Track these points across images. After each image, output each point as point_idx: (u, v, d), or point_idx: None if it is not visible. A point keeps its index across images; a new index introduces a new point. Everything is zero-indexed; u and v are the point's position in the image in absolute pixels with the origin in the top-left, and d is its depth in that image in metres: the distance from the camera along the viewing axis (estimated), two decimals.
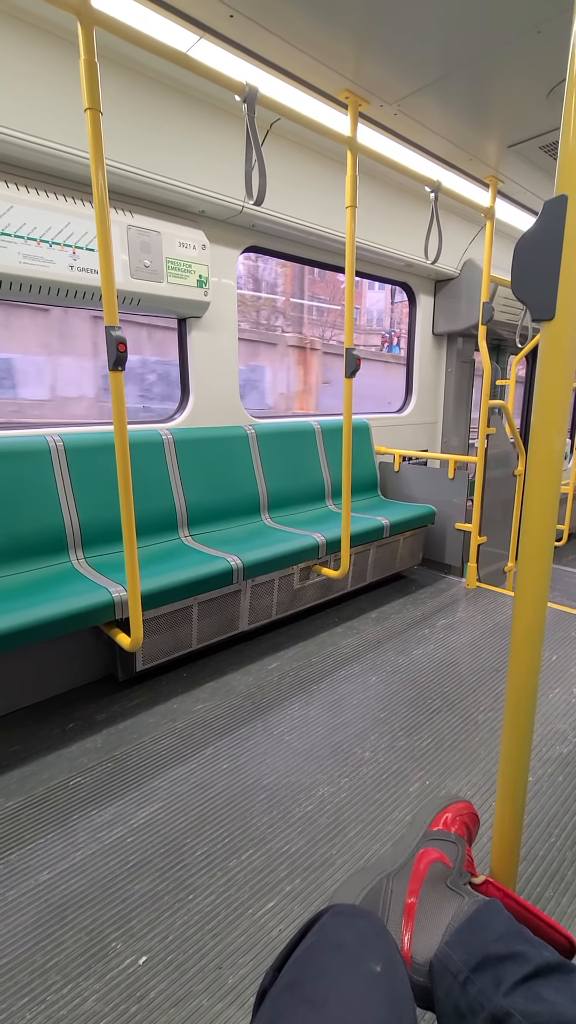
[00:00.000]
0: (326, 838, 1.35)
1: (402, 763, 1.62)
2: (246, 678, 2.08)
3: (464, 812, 0.97)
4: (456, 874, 0.79)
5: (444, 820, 0.92)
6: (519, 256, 0.68)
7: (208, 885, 1.22)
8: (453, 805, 0.95)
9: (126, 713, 1.86)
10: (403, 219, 3.11)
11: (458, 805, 0.97)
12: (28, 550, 1.99)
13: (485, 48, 1.77)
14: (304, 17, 1.62)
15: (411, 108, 2.13)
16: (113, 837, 1.35)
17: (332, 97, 2.04)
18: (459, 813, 0.94)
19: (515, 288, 0.69)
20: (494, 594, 2.98)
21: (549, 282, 0.66)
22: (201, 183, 2.24)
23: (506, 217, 3.36)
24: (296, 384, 8.53)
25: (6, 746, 1.69)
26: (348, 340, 2.18)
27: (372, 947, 0.56)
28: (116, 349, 1.50)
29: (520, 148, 2.45)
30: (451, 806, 0.94)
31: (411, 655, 2.26)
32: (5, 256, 1.86)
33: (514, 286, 0.69)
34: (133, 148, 2.01)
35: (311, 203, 2.64)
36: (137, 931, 1.12)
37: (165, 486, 2.40)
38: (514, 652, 0.90)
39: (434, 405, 4.17)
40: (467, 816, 0.97)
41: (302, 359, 8.34)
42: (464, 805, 0.99)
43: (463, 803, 0.99)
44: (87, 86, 1.38)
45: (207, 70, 1.63)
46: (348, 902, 0.72)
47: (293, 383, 8.55)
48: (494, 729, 1.78)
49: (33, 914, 1.15)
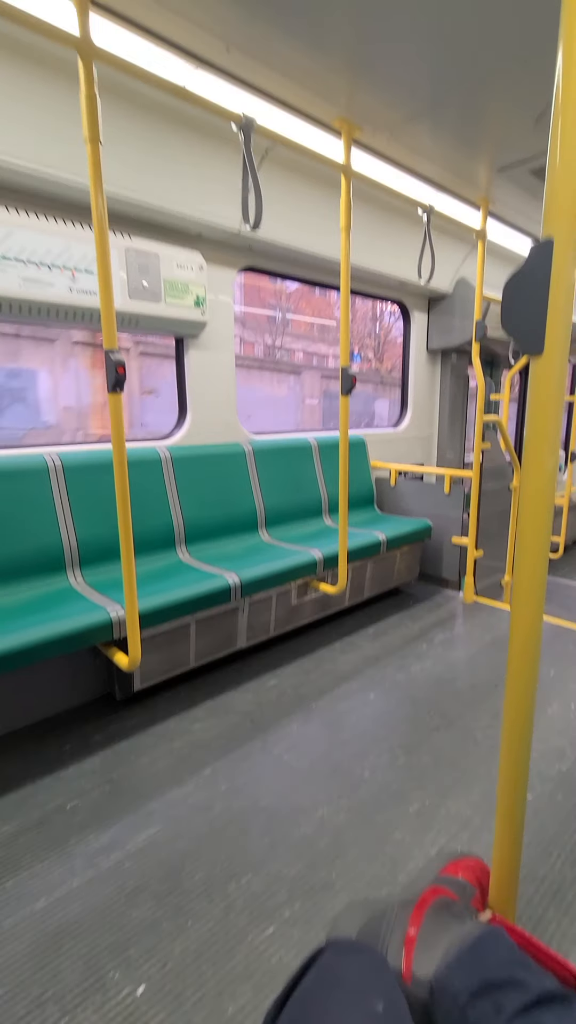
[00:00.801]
0: (325, 861, 1.34)
1: (401, 782, 1.61)
2: (244, 696, 2.07)
3: (476, 867, 0.96)
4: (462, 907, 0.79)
5: (455, 867, 0.91)
6: (508, 294, 0.70)
7: (207, 911, 1.21)
8: (464, 859, 0.95)
9: (124, 733, 1.85)
10: (397, 239, 3.17)
11: (469, 860, 0.96)
12: (26, 569, 1.99)
13: (473, 78, 1.83)
14: (298, 50, 1.67)
15: (403, 135, 2.19)
16: (110, 862, 1.33)
17: (327, 125, 2.10)
18: (470, 867, 0.94)
19: (505, 325, 0.71)
20: (491, 608, 2.99)
21: (538, 320, 0.68)
22: (198, 206, 2.28)
23: (497, 237, 3.42)
24: (91, 394, 6.64)
25: (3, 768, 1.67)
26: (344, 359, 2.21)
27: (373, 984, 0.56)
28: (115, 372, 1.52)
29: (510, 172, 2.51)
30: (462, 859, 0.94)
31: (409, 671, 2.26)
32: (5, 279, 1.89)
33: (504, 323, 0.71)
34: (132, 174, 2.05)
35: (306, 225, 2.69)
36: (135, 959, 1.10)
37: (163, 504, 2.41)
38: (511, 667, 0.91)
39: (429, 419, 4.21)
40: (479, 871, 0.96)
41: (100, 360, 6.43)
42: (476, 861, 0.98)
43: (475, 859, 0.98)
44: (87, 118, 1.42)
45: (204, 101, 1.68)
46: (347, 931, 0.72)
47: (86, 393, 6.69)
48: (493, 747, 1.78)
49: (30, 943, 1.14)
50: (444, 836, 1.42)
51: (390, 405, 11.29)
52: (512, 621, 0.90)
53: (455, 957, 0.65)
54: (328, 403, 11.09)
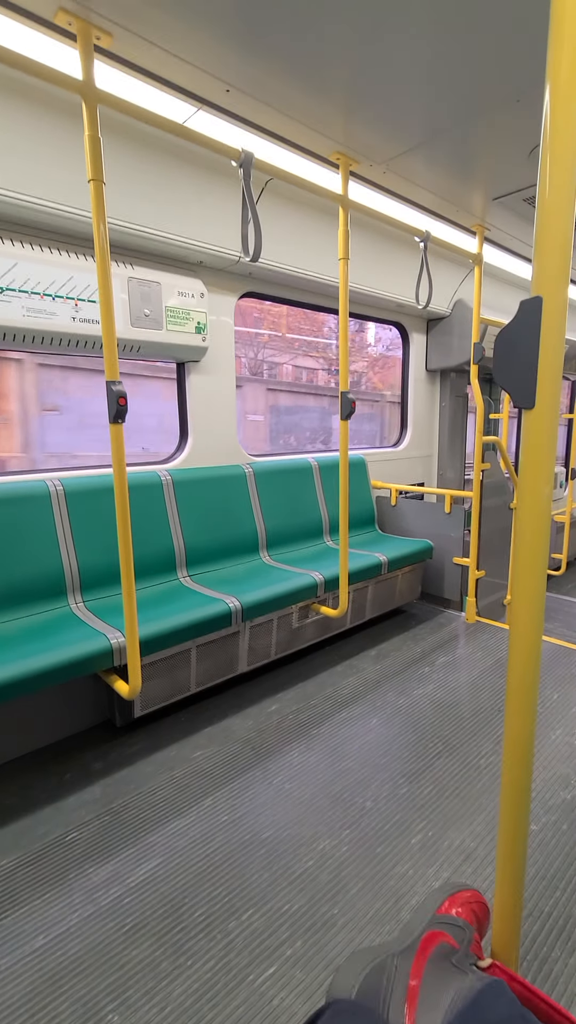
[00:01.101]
0: (327, 896, 1.32)
1: (404, 813, 1.60)
2: (245, 722, 2.06)
3: (473, 901, 0.95)
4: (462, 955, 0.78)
5: (453, 904, 0.90)
6: (500, 348, 0.72)
7: (207, 949, 1.19)
8: (461, 893, 0.94)
9: (124, 761, 1.83)
10: (394, 263, 3.22)
11: (466, 893, 0.95)
12: (27, 594, 1.99)
13: (467, 114, 1.88)
14: (296, 89, 1.73)
15: (399, 167, 2.24)
16: (110, 898, 1.32)
17: (324, 158, 2.15)
18: (467, 901, 0.93)
19: (498, 378, 0.73)
20: (493, 629, 2.97)
21: (529, 374, 0.70)
22: (199, 236, 2.33)
23: (494, 260, 3.48)
24: None
25: (3, 798, 1.66)
26: (343, 384, 2.24)
27: None
28: (116, 403, 1.54)
29: (505, 200, 2.56)
30: (459, 893, 0.93)
31: (411, 695, 2.25)
32: (9, 310, 1.92)
33: (496, 376, 0.73)
34: (134, 205, 2.10)
35: (305, 252, 2.74)
36: (134, 1001, 1.09)
37: (164, 527, 2.42)
38: (510, 690, 0.90)
39: (429, 439, 4.23)
40: (476, 905, 0.95)
41: None
42: (473, 894, 0.97)
43: (472, 891, 0.97)
44: (91, 159, 1.46)
45: (205, 139, 1.72)
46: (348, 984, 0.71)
47: None
48: (496, 775, 1.76)
49: (28, 984, 1.12)
50: (447, 869, 1.40)
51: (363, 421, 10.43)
52: (511, 643, 0.89)
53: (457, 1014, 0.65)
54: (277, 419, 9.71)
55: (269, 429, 9.60)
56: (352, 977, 0.71)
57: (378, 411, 11.49)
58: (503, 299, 4.05)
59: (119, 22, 1.42)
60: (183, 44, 1.51)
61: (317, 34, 1.47)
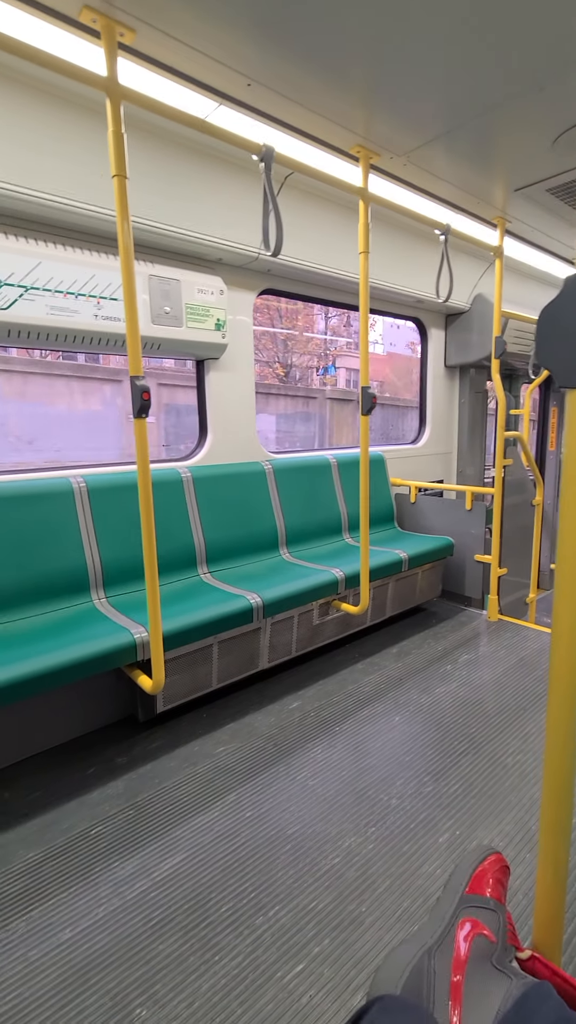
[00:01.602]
0: (354, 894, 1.31)
1: (430, 811, 1.57)
2: (267, 719, 2.05)
3: (497, 867, 0.93)
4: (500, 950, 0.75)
5: (480, 882, 0.88)
6: (543, 326, 0.69)
7: (234, 945, 1.18)
8: (482, 865, 0.91)
9: (147, 756, 1.84)
10: (413, 258, 3.19)
11: (489, 862, 0.92)
12: (52, 590, 2.01)
13: (489, 104, 1.85)
14: (316, 83, 1.71)
15: (420, 159, 2.21)
16: (136, 892, 1.32)
17: (344, 152, 2.14)
18: (491, 872, 0.90)
19: (539, 357, 0.70)
20: (516, 627, 2.92)
21: (573, 351, 0.67)
22: (219, 233, 2.33)
23: (515, 253, 3.43)
24: None
25: (28, 792, 1.67)
26: (364, 379, 2.22)
27: None
28: (140, 397, 1.54)
29: (527, 191, 2.52)
30: (485, 861, 0.90)
31: (434, 693, 2.22)
32: (33, 309, 1.94)
33: (538, 355, 0.71)
34: (155, 204, 2.11)
35: (325, 247, 2.73)
36: (162, 996, 1.08)
37: (184, 524, 2.43)
38: (553, 690, 0.87)
39: (448, 436, 4.19)
40: (500, 871, 0.93)
41: None
42: (496, 858, 0.94)
43: (494, 856, 0.95)
44: (115, 155, 1.46)
45: (226, 134, 1.72)
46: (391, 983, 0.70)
47: None
48: (524, 774, 1.73)
49: (56, 976, 1.12)
50: None
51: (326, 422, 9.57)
52: (553, 640, 0.86)
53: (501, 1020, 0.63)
54: (174, 420, 7.85)
55: (164, 433, 7.99)
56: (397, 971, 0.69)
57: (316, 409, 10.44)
58: (525, 293, 3.99)
59: (142, 18, 1.42)
60: (205, 39, 1.51)
61: (338, 27, 1.46)
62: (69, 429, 7.61)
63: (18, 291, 1.90)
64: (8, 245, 1.89)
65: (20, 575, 1.94)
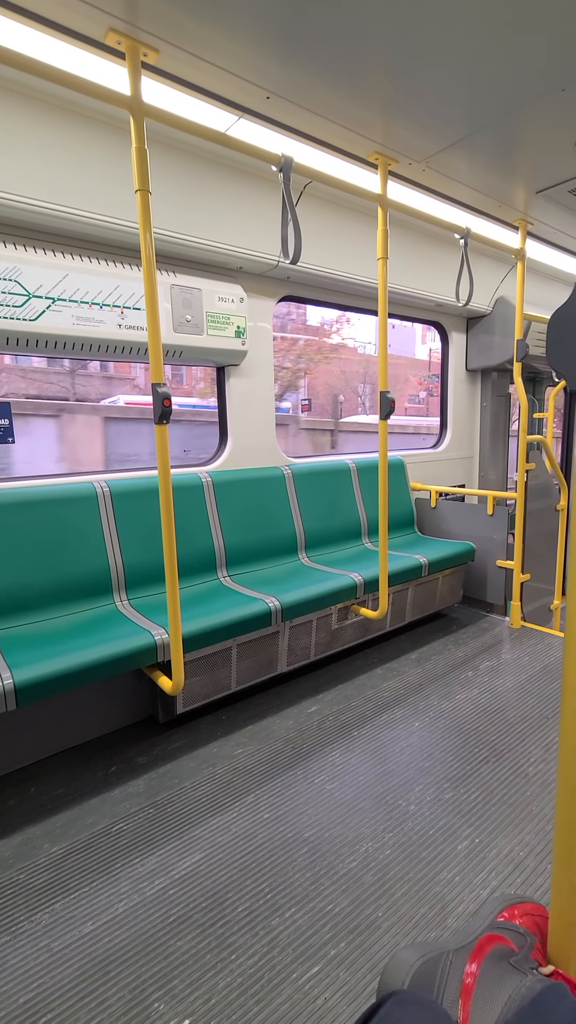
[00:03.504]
0: (371, 898, 1.30)
1: (449, 818, 1.56)
2: (285, 722, 2.06)
3: (536, 914, 0.91)
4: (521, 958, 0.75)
5: (513, 913, 0.87)
6: (554, 329, 0.70)
7: (250, 945, 1.19)
8: (523, 904, 0.90)
9: (167, 756, 1.87)
10: (433, 262, 3.18)
11: (528, 905, 0.91)
12: (76, 592, 2.07)
13: (509, 107, 1.84)
14: (334, 92, 1.74)
15: (439, 164, 2.22)
16: (155, 888, 1.34)
17: (362, 159, 2.16)
18: (529, 913, 0.89)
19: (551, 360, 0.71)
20: (540, 634, 2.87)
21: None
22: (239, 243, 2.37)
23: (537, 255, 3.39)
24: None
25: (52, 788, 1.72)
26: (383, 384, 2.23)
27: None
28: (161, 404, 1.58)
29: (549, 193, 2.50)
30: (521, 904, 0.89)
31: (454, 699, 2.20)
32: (61, 319, 2.01)
33: (550, 358, 0.71)
34: (177, 216, 2.16)
35: (344, 254, 2.75)
36: (179, 991, 1.10)
37: (204, 528, 2.46)
38: (567, 697, 0.87)
39: (470, 440, 4.15)
40: (539, 919, 0.91)
41: None
42: (536, 907, 0.93)
43: (535, 904, 0.93)
44: (138, 170, 1.51)
45: (246, 146, 1.76)
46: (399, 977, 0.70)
47: None
48: (546, 783, 1.70)
49: (77, 967, 1.15)
50: (496, 878, 1.35)
51: None
52: (567, 647, 0.86)
53: (515, 1013, 0.62)
54: None
55: None
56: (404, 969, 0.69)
57: None
58: (548, 295, 3.93)
59: (166, 38, 1.47)
60: (226, 55, 1.55)
61: (355, 36, 1.48)
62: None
63: (46, 303, 1.97)
64: (37, 259, 1.96)
65: (46, 577, 2.00)
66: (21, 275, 1.92)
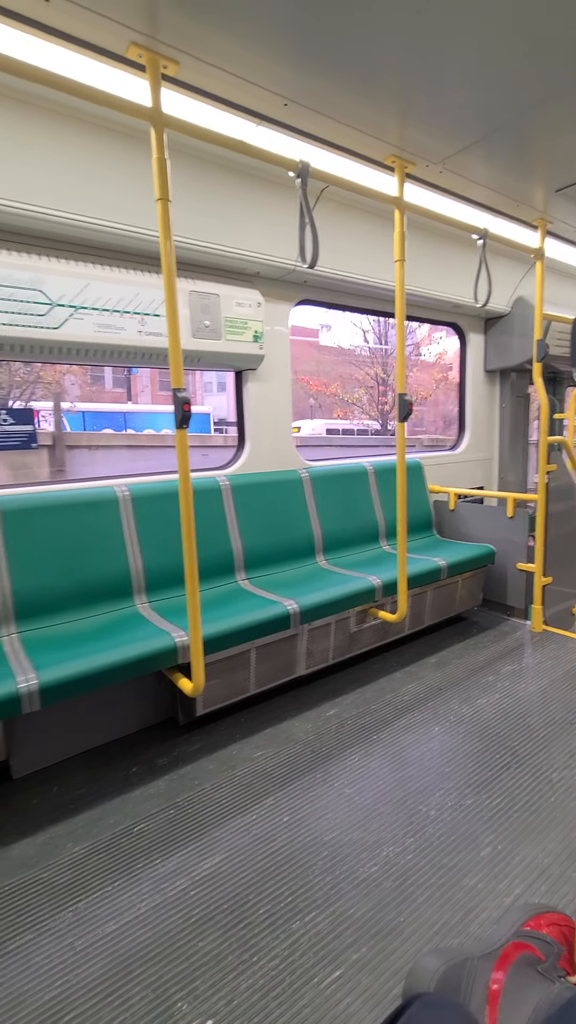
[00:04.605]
0: (392, 903, 1.29)
1: (471, 824, 1.54)
2: (304, 725, 2.06)
3: (563, 924, 0.90)
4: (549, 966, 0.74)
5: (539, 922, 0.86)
6: None
7: (272, 947, 1.20)
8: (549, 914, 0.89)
9: (187, 758, 1.88)
10: (451, 263, 3.17)
11: (555, 915, 0.90)
12: (98, 594, 2.10)
13: (527, 106, 1.83)
14: (351, 97, 1.75)
15: (456, 165, 2.21)
16: (176, 889, 1.35)
17: (379, 162, 2.16)
18: (556, 923, 0.88)
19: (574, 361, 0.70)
20: (563, 638, 2.82)
21: None
22: (256, 248, 2.39)
23: (556, 254, 3.35)
24: None
25: (75, 788, 1.74)
26: (400, 386, 2.22)
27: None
28: (181, 409, 1.60)
29: (568, 191, 2.47)
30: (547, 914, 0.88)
31: (475, 704, 2.17)
32: (83, 327, 2.05)
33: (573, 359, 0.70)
34: (194, 222, 2.19)
35: (361, 257, 2.75)
36: (202, 992, 1.10)
37: (223, 531, 2.48)
38: None
39: (489, 441, 4.10)
40: (566, 929, 0.89)
41: None
42: (562, 917, 0.91)
43: (562, 915, 0.91)
44: (158, 180, 1.54)
45: (263, 153, 1.78)
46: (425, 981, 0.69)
47: None
48: (570, 789, 1.67)
49: (101, 966, 1.16)
50: (520, 885, 1.33)
51: None
52: None
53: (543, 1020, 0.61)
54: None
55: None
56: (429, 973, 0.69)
57: None
58: (569, 294, 3.88)
59: (185, 49, 1.50)
60: (243, 64, 1.57)
61: (370, 40, 1.49)
62: None
63: (69, 311, 2.02)
64: (60, 268, 2.00)
65: (69, 580, 2.04)
66: (44, 284, 1.96)
